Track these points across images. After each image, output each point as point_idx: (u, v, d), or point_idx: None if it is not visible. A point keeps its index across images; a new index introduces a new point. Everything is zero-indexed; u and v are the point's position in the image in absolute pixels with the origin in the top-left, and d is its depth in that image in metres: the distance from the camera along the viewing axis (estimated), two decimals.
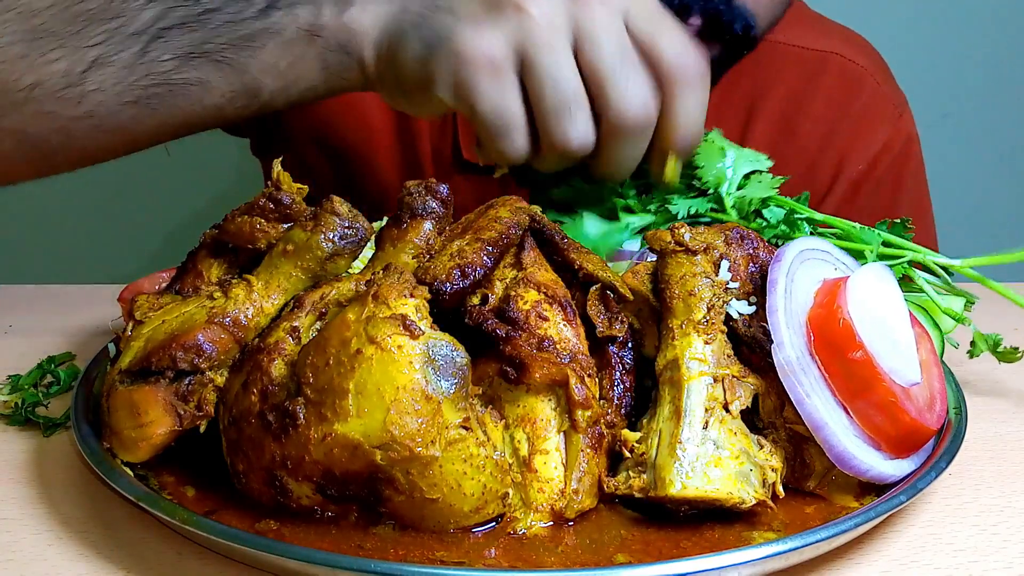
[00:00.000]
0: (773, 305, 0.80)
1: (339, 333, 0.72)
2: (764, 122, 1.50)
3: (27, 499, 0.84)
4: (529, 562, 0.72)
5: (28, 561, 0.76)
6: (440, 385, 0.72)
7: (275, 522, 0.75)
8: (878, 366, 0.78)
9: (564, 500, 0.76)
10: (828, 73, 1.51)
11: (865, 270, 0.83)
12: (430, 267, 0.80)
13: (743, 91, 1.50)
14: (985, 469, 0.91)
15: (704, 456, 0.76)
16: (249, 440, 0.75)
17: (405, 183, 0.86)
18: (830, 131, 1.50)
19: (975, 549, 0.79)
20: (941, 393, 0.85)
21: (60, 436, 0.94)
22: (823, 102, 1.51)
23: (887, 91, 1.53)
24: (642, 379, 0.84)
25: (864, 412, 0.79)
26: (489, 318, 0.79)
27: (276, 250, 0.84)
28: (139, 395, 0.79)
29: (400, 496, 0.72)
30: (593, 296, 0.83)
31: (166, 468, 0.82)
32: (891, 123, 1.52)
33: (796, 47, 1.52)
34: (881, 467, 0.79)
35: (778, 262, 0.82)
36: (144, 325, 0.83)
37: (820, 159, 1.50)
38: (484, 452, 0.73)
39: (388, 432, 0.70)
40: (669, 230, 0.84)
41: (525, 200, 0.89)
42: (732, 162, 1.02)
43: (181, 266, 0.90)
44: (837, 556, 0.77)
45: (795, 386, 0.78)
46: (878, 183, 1.51)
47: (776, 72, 1.51)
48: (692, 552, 0.73)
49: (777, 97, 1.50)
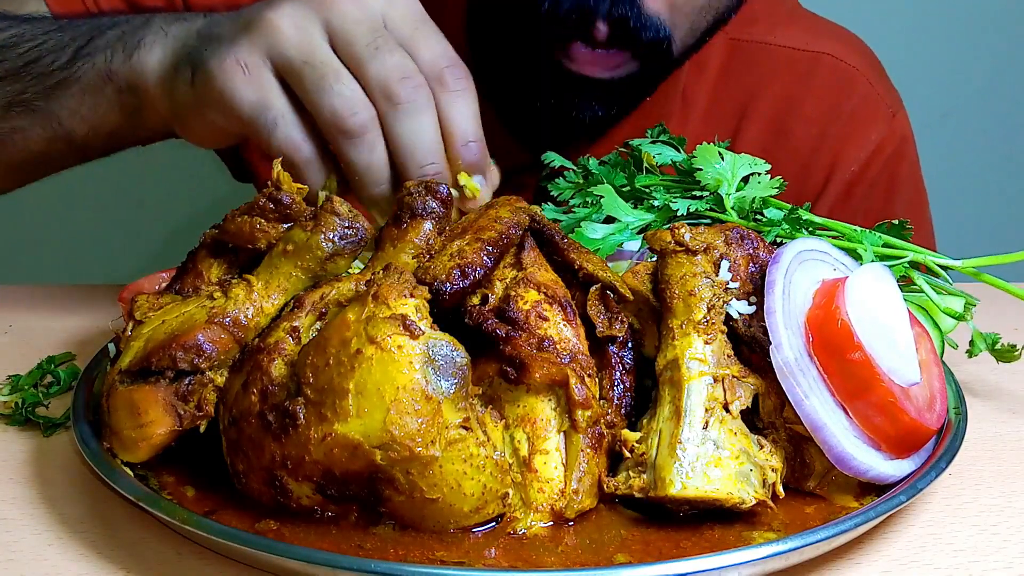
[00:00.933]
0: (771, 306, 0.80)
1: (339, 333, 0.72)
2: (756, 124, 1.50)
3: (27, 499, 0.84)
4: (529, 562, 0.72)
5: (28, 561, 0.76)
6: (440, 385, 0.72)
7: (275, 522, 0.75)
8: (877, 366, 0.78)
9: (564, 500, 0.76)
10: (820, 74, 1.51)
11: (864, 270, 0.83)
12: (430, 267, 0.80)
13: (734, 94, 1.50)
14: (985, 469, 0.91)
15: (704, 456, 0.76)
16: (249, 440, 0.75)
17: (405, 183, 0.86)
18: (822, 132, 1.50)
19: (975, 549, 0.79)
20: (941, 393, 0.85)
21: (60, 436, 0.94)
22: (815, 103, 1.50)
23: (880, 91, 1.53)
24: (642, 379, 0.84)
25: (863, 412, 0.79)
26: (489, 318, 0.79)
27: (276, 250, 0.84)
28: (139, 395, 0.79)
29: (400, 496, 0.72)
30: (593, 296, 0.83)
31: (166, 468, 0.82)
32: (884, 123, 1.52)
33: (787, 48, 1.52)
34: (881, 467, 0.79)
35: (776, 263, 0.82)
36: (144, 325, 0.83)
37: (813, 161, 1.50)
38: (484, 452, 0.73)
39: (388, 432, 0.70)
40: (669, 230, 0.84)
41: (525, 200, 0.89)
42: (730, 165, 1.02)
43: (181, 266, 0.90)
44: (837, 556, 0.77)
45: (793, 387, 0.78)
46: (871, 184, 1.51)
47: (767, 74, 1.51)
48: (692, 552, 0.73)
49: (769, 99, 1.50)
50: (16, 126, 1.16)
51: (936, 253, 1.01)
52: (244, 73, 0.96)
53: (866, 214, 1.49)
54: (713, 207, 1.02)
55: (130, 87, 1.07)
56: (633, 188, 1.07)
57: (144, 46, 1.07)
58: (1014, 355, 1.01)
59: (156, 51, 1.06)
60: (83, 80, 1.11)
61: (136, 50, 1.07)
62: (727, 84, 1.50)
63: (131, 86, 1.07)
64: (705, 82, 1.50)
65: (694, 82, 1.49)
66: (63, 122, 1.14)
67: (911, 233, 1.02)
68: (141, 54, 1.07)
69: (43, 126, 1.15)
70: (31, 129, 1.16)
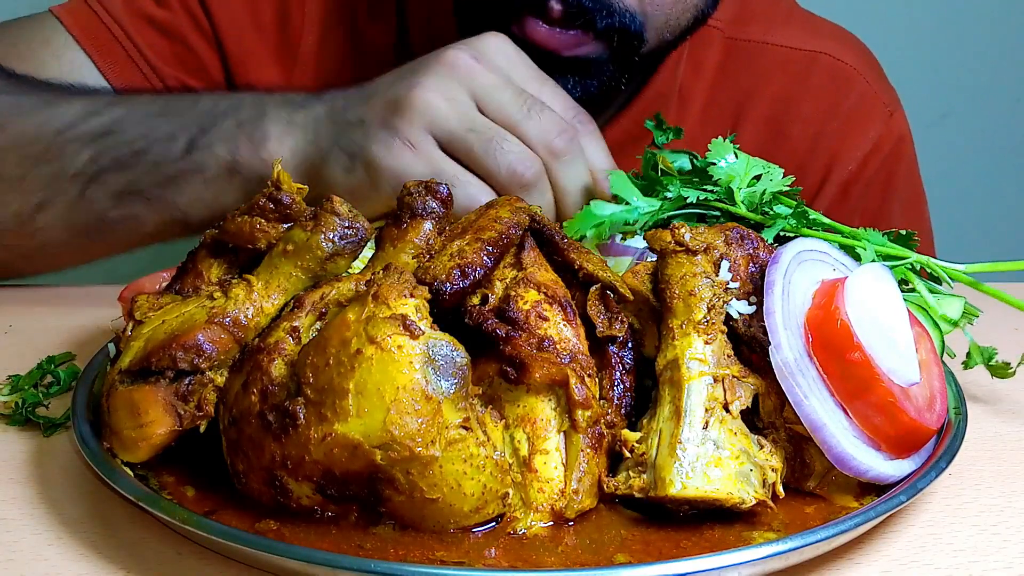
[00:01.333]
0: (770, 307, 0.80)
1: (339, 333, 0.72)
2: (753, 124, 1.50)
3: (27, 499, 0.84)
4: (529, 562, 0.72)
5: (28, 561, 0.76)
6: (440, 385, 0.72)
7: (275, 522, 0.75)
8: (876, 367, 0.78)
9: (564, 500, 0.76)
10: (817, 73, 1.51)
11: (863, 270, 0.83)
12: (430, 267, 0.80)
13: (731, 93, 1.50)
14: (985, 469, 0.91)
15: (704, 456, 0.76)
16: (249, 440, 0.75)
17: (405, 183, 0.86)
18: (819, 132, 1.50)
19: (975, 549, 0.79)
20: (941, 393, 0.85)
21: (60, 436, 0.94)
22: (812, 103, 1.50)
23: (877, 90, 1.53)
24: (642, 379, 0.84)
25: (863, 413, 0.79)
26: (489, 318, 0.79)
27: (276, 250, 0.84)
28: (139, 395, 0.79)
29: (400, 496, 0.72)
30: (593, 296, 0.83)
31: (166, 468, 0.82)
32: (882, 123, 1.52)
33: (784, 48, 1.52)
34: (881, 467, 0.79)
35: (775, 264, 0.82)
36: (144, 325, 0.83)
37: (810, 160, 1.50)
38: (484, 452, 0.73)
39: (388, 432, 0.70)
40: (669, 230, 0.84)
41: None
42: (742, 161, 1.03)
43: (181, 266, 0.90)
44: (837, 556, 0.77)
45: (793, 387, 0.78)
46: (868, 183, 1.51)
47: (764, 73, 1.51)
48: (692, 552, 0.73)
49: (766, 98, 1.50)
50: (129, 214, 1.18)
51: (937, 259, 1.01)
52: (412, 151, 1.03)
53: (863, 213, 1.49)
54: (723, 199, 1.03)
55: (260, 179, 1.10)
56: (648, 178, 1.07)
57: (272, 139, 1.11)
58: (1008, 372, 1.00)
59: (287, 142, 1.10)
60: (206, 172, 1.13)
61: (265, 143, 1.11)
62: (724, 83, 1.50)
63: (261, 178, 1.09)
64: (702, 81, 1.50)
65: (691, 81, 1.49)
66: (182, 208, 1.16)
67: (916, 244, 1.01)
68: (271, 147, 1.11)
69: (159, 212, 1.17)
70: (146, 216, 1.18)
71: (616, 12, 1.20)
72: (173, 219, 1.17)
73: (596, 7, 1.19)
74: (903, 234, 1.01)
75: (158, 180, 1.15)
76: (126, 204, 1.17)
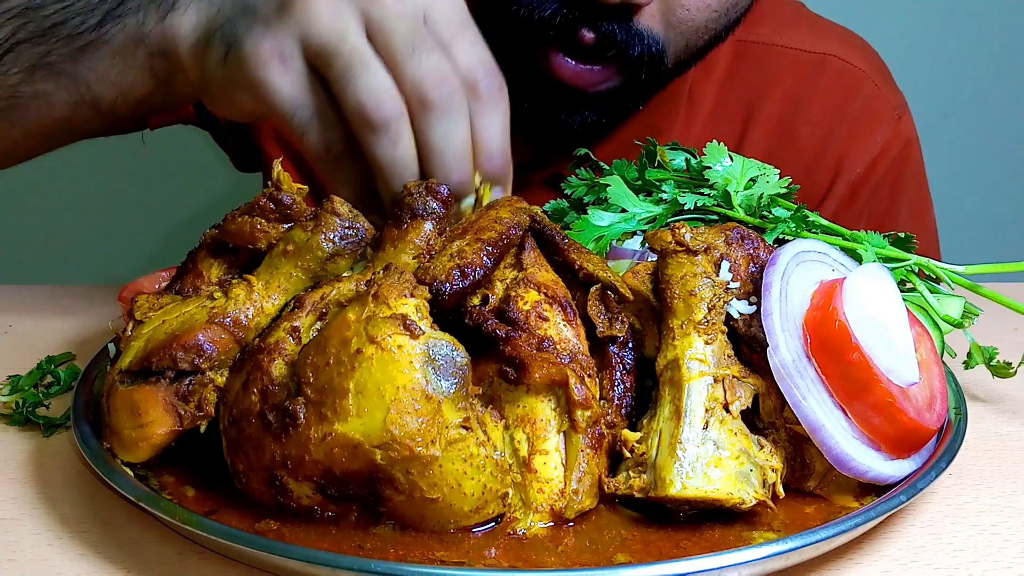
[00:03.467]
0: (768, 308, 0.80)
1: (339, 333, 0.72)
2: (762, 126, 1.50)
3: (27, 499, 0.84)
4: (529, 562, 0.72)
5: (28, 561, 0.76)
6: (440, 385, 0.72)
7: (275, 522, 0.75)
8: (875, 367, 0.77)
9: (564, 500, 0.76)
10: (825, 75, 1.51)
11: (862, 271, 0.83)
12: (430, 267, 0.80)
13: (740, 95, 1.50)
14: (985, 469, 0.91)
15: (704, 456, 0.76)
16: (249, 440, 0.75)
17: (405, 184, 0.86)
18: (828, 134, 1.50)
19: (975, 549, 0.79)
20: (941, 392, 0.85)
21: (60, 436, 0.94)
22: (820, 105, 1.50)
23: (886, 93, 1.53)
24: (642, 379, 0.84)
25: (862, 413, 0.79)
26: (489, 318, 0.79)
27: (276, 250, 0.84)
28: (139, 395, 0.79)
29: (400, 496, 0.72)
30: (593, 296, 0.84)
31: (166, 468, 0.82)
32: (890, 125, 1.52)
33: (793, 49, 1.52)
34: (881, 468, 0.79)
35: (773, 265, 0.82)
36: (144, 325, 0.83)
37: (818, 162, 1.50)
38: (484, 452, 0.73)
39: (388, 432, 0.70)
40: (669, 230, 0.84)
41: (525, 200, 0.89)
42: (738, 165, 1.02)
43: (181, 266, 0.90)
44: (837, 556, 0.77)
45: (791, 388, 0.78)
46: (876, 186, 1.51)
47: (773, 75, 1.51)
48: (692, 552, 0.73)
49: (774, 100, 1.50)
50: (40, 90, 1.12)
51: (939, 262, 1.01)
52: (279, 63, 0.94)
53: (870, 216, 1.49)
54: (720, 203, 1.02)
55: (162, 51, 1.04)
56: (644, 181, 1.07)
57: (178, 8, 1.03)
58: (1009, 372, 1.00)
59: (190, 15, 1.02)
60: (113, 43, 1.07)
61: (170, 12, 1.03)
62: (733, 85, 1.50)
63: (163, 50, 1.04)
64: (711, 83, 1.50)
65: (700, 83, 1.49)
66: (91, 87, 1.10)
67: (915, 247, 1.01)
68: (175, 17, 1.03)
69: (69, 91, 1.11)
70: (56, 93, 1.11)
71: (646, 40, 1.19)
72: (82, 99, 1.11)
73: (628, 37, 1.18)
74: (902, 237, 1.01)
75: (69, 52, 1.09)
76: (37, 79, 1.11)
